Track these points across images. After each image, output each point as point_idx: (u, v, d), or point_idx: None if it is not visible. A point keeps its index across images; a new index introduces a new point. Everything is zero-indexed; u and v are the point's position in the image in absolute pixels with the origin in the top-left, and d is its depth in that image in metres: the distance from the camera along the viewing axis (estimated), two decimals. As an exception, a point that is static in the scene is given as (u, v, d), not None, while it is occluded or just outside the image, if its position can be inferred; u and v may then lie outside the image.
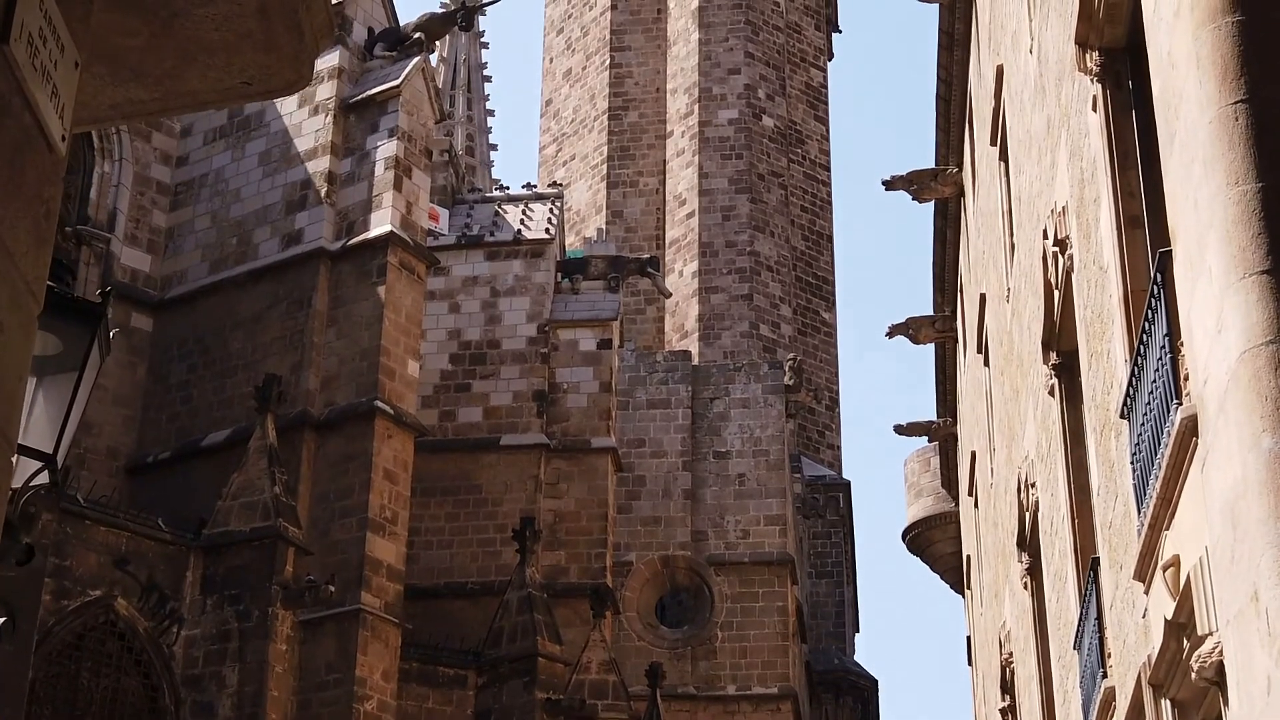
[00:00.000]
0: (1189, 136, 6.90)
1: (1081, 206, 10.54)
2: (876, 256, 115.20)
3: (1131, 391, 8.39)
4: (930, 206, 24.65)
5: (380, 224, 24.48)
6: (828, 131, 49.80)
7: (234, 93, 4.94)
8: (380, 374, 23.55)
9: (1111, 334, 9.53)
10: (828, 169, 49.26)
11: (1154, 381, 7.76)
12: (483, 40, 63.00)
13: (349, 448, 23.40)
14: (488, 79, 62.36)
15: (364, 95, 25.58)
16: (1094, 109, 9.73)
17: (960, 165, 22.68)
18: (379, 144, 25.04)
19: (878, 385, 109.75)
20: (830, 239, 48.38)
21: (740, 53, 47.09)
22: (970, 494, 25.42)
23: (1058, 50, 11.30)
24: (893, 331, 26.17)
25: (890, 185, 23.56)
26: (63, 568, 20.28)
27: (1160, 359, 7.59)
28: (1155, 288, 7.64)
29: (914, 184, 23.47)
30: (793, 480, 38.11)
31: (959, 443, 27.92)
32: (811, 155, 48.84)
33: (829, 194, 48.96)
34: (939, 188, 23.46)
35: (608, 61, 49.05)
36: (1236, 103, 6.47)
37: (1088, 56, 9.76)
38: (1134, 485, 8.53)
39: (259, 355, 24.39)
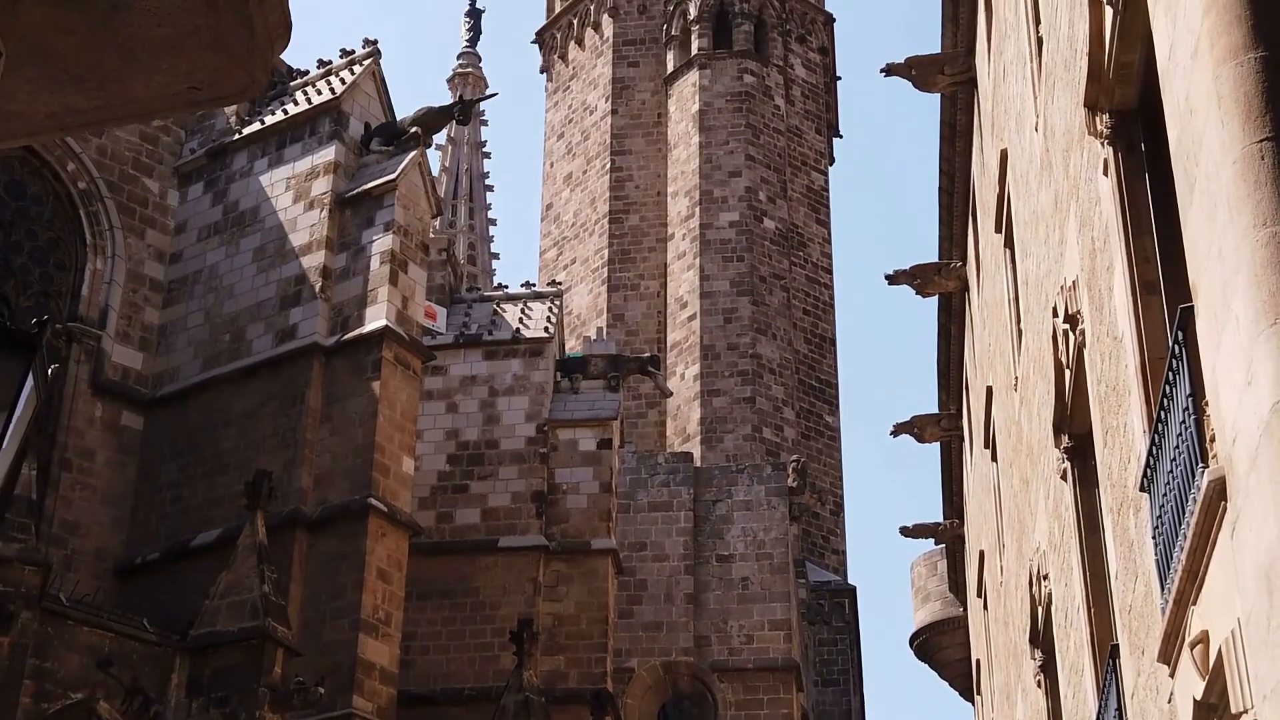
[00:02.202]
0: (1211, 181, 6.58)
1: (1093, 278, 10.23)
2: (880, 357, 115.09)
3: (1152, 461, 8.04)
4: (933, 306, 24.47)
5: (375, 319, 24.16)
6: (829, 235, 49.73)
7: (181, 99, 4.54)
8: (374, 471, 23.09)
9: (1128, 406, 9.18)
10: (830, 272, 49.12)
11: (1176, 447, 7.41)
12: (485, 151, 63.42)
13: (341, 546, 22.90)
14: (489, 188, 62.70)
15: (360, 189, 25.36)
16: (1105, 173, 9.45)
17: (964, 259, 22.51)
18: (375, 238, 24.79)
19: (883, 486, 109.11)
20: (833, 342, 48.11)
21: (741, 156, 47.10)
22: (979, 595, 25.01)
23: (1065, 121, 11.07)
24: (897, 430, 25.89)
25: (893, 280, 23.36)
26: (43, 669, 19.70)
27: (1183, 422, 7.24)
28: (1176, 347, 7.30)
29: (917, 278, 23.29)
30: (797, 585, 37.55)
31: (966, 544, 27.56)
32: (813, 258, 48.72)
33: (831, 297, 48.78)
34: (943, 282, 23.27)
35: (608, 165, 49.06)
36: (1262, 140, 6.17)
37: (1098, 119, 9.51)
38: (1156, 561, 8.14)
39: (251, 453, 23.94)
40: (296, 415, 23.91)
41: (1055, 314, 11.81)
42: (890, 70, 20.23)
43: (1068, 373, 11.52)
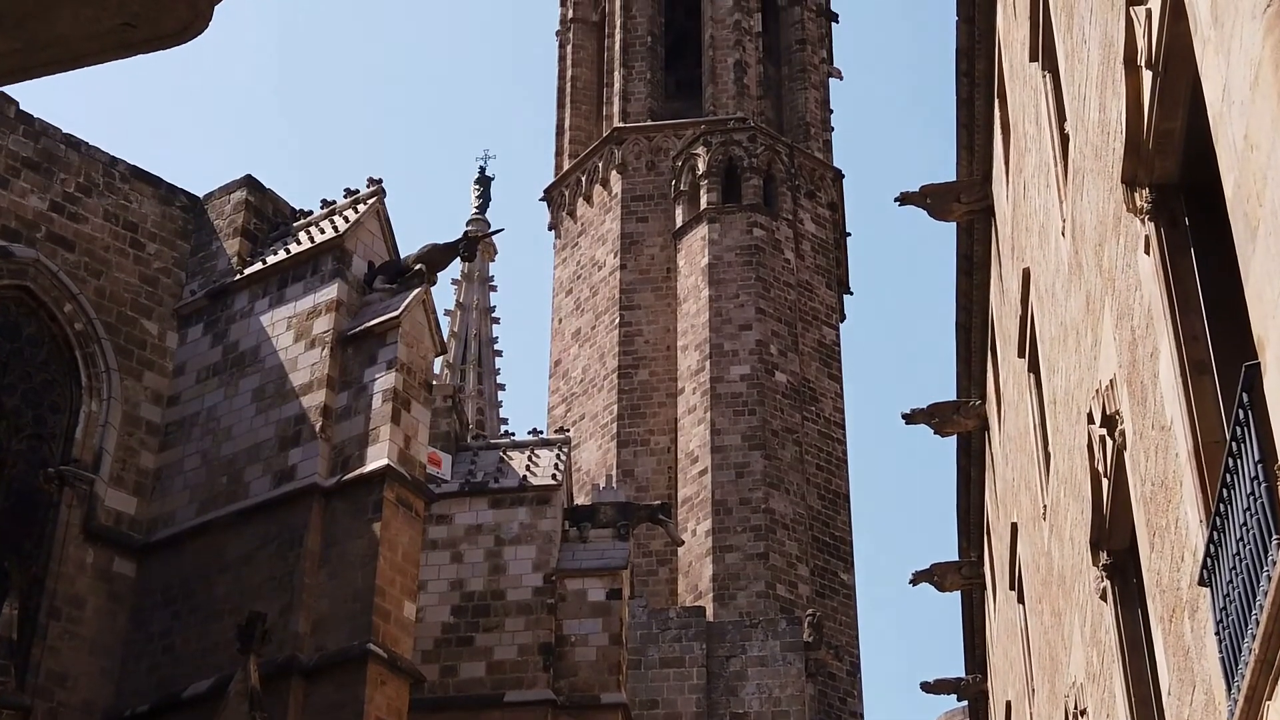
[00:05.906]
0: (1279, 218, 5.98)
1: (1134, 370, 9.64)
2: (895, 512, 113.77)
3: (1212, 549, 7.35)
4: (950, 452, 23.90)
5: (377, 458, 23.45)
6: (841, 390, 49.19)
7: (114, 39, 3.91)
8: (375, 615, 22.20)
9: (1180, 499, 8.52)
10: (842, 427, 48.49)
11: (1244, 524, 6.75)
12: (493, 316, 63.29)
13: (338, 695, 21.92)
14: (498, 353, 62.51)
15: (362, 327, 24.81)
16: (1147, 251, 8.89)
17: (983, 398, 22.00)
18: (377, 376, 24.18)
19: (901, 642, 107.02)
20: (847, 498, 47.30)
21: (751, 309, 46.76)
22: (1007, 750, 24.02)
23: (1097, 213, 10.59)
24: (917, 579, 25.20)
25: (910, 419, 22.86)
26: (21, 823, 18.74)
27: (1251, 493, 6.57)
28: (1241, 411, 6.64)
29: (935, 417, 22.78)
30: (814, 748, 36.43)
31: (991, 698, 26.64)
32: (826, 413, 48.14)
33: (844, 452, 48.07)
34: (961, 421, 22.74)
35: (617, 320, 48.74)
36: (1339, 161, 5.57)
37: (1137, 195, 8.98)
38: (1221, 659, 7.42)
39: (246, 599, 23.06)
40: (294, 559, 23.10)
41: (1091, 420, 11.21)
42: (905, 199, 19.85)
43: (1105, 481, 10.90)
